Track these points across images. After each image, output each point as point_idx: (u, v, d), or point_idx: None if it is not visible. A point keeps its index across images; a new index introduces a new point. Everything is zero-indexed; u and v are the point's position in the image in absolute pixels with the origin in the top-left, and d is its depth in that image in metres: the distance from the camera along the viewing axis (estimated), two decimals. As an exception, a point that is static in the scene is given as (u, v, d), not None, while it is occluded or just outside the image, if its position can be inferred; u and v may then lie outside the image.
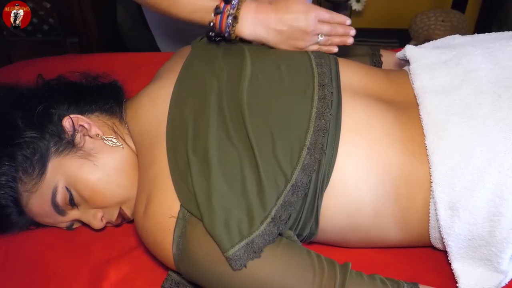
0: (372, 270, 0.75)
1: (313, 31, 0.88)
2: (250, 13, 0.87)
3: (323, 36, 0.89)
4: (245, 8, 0.87)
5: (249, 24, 0.88)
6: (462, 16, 2.07)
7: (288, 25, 0.87)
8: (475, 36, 0.93)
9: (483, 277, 0.75)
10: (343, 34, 0.91)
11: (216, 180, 0.72)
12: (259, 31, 0.88)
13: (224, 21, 0.87)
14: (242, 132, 0.76)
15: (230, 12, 0.86)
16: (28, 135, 0.81)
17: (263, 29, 0.88)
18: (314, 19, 0.87)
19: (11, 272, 0.85)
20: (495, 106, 0.76)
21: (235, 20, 0.87)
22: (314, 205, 0.76)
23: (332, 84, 0.83)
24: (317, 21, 0.88)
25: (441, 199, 0.74)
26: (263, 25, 0.87)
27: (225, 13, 0.86)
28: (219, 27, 0.88)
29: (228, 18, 0.87)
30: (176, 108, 0.82)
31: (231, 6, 0.86)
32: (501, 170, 0.71)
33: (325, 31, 0.89)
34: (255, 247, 0.69)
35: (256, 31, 0.88)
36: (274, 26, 0.87)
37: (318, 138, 0.76)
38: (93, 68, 0.99)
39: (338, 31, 0.90)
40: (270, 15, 0.87)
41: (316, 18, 0.87)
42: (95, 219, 0.85)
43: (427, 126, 0.78)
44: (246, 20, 0.87)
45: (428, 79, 0.83)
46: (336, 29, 0.90)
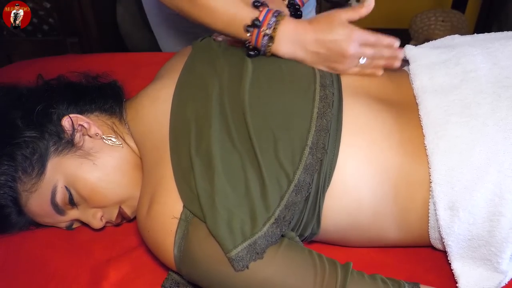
0: (373, 270, 0.75)
1: (353, 55, 0.83)
2: (288, 33, 0.83)
3: (365, 59, 0.85)
4: (283, 28, 0.83)
5: (285, 44, 0.84)
6: (462, 16, 2.07)
7: (327, 48, 0.83)
8: (475, 36, 0.93)
9: (483, 277, 0.75)
10: (390, 57, 0.86)
11: (219, 181, 0.72)
12: (296, 52, 0.84)
13: (260, 40, 0.84)
14: (244, 133, 0.76)
15: (266, 32, 0.83)
16: (27, 135, 0.81)
17: (300, 50, 0.84)
18: (357, 43, 0.82)
19: (11, 272, 0.85)
20: (494, 106, 0.76)
21: (271, 40, 0.83)
22: (316, 205, 0.76)
23: (333, 85, 0.83)
24: (360, 44, 0.83)
25: (440, 199, 0.74)
26: (301, 46, 0.84)
27: (261, 33, 0.83)
28: (255, 44, 0.84)
29: (263, 38, 0.83)
30: (178, 109, 0.82)
31: (267, 26, 0.82)
32: (501, 170, 0.71)
33: (368, 55, 0.84)
34: (257, 248, 0.69)
35: (293, 51, 0.84)
36: (312, 47, 0.83)
37: (319, 138, 0.76)
38: (93, 68, 0.99)
39: (384, 54, 0.86)
40: (309, 36, 0.83)
41: (358, 42, 0.82)
42: (95, 218, 0.85)
43: (426, 126, 0.78)
44: (283, 40, 0.83)
45: (427, 79, 0.83)
46: (381, 52, 0.85)
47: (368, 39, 0.84)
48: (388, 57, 0.86)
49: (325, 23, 0.83)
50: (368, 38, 0.84)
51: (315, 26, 0.83)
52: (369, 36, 0.84)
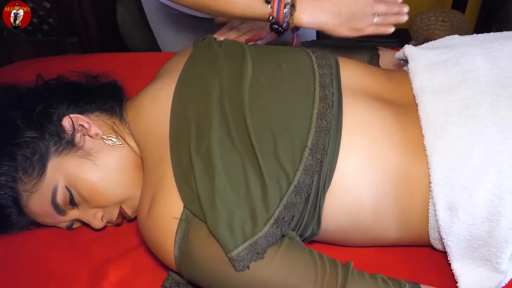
0: (373, 269, 0.75)
1: (370, 11, 0.88)
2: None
3: (379, 17, 0.89)
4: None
5: (307, 11, 0.86)
6: (462, 16, 2.07)
7: (347, 6, 0.87)
8: (474, 36, 0.93)
9: (482, 277, 0.75)
10: (398, 12, 0.91)
11: (219, 181, 0.72)
12: (319, 17, 0.87)
13: (281, 10, 0.85)
14: (244, 133, 0.77)
15: (287, 1, 0.85)
16: (27, 135, 0.81)
17: (322, 13, 0.87)
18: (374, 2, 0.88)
19: (11, 272, 0.85)
20: (493, 106, 0.76)
21: (293, 8, 0.85)
22: (316, 206, 0.76)
23: (333, 85, 0.83)
24: (374, 1, 0.89)
25: (440, 199, 0.74)
26: (322, 10, 0.87)
27: (282, 2, 0.85)
28: (276, 17, 0.86)
29: (285, 7, 0.85)
30: (178, 109, 0.82)
31: None
32: (500, 170, 0.71)
33: (383, 10, 0.89)
34: (258, 248, 0.69)
35: (316, 16, 0.87)
36: (333, 8, 0.86)
37: (319, 139, 0.76)
38: (93, 68, 0.99)
39: (393, 10, 0.91)
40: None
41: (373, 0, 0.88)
42: (95, 218, 0.85)
43: (426, 126, 0.78)
44: (305, 7, 0.86)
45: (427, 79, 0.83)
46: (391, 8, 0.90)
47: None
48: (396, 13, 0.91)
49: None
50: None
51: None
52: None
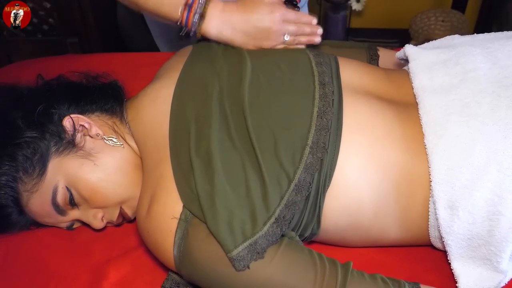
0: (373, 269, 0.75)
1: (278, 31, 0.88)
2: (217, 12, 0.88)
3: (289, 36, 0.90)
4: (212, 7, 0.87)
5: (215, 24, 0.88)
6: (462, 16, 2.07)
7: (253, 26, 0.87)
8: (475, 36, 0.93)
9: (482, 277, 0.75)
10: (310, 33, 0.92)
11: (219, 181, 0.72)
12: (224, 32, 0.88)
13: (190, 18, 0.87)
14: (244, 133, 0.77)
15: (197, 10, 0.87)
16: (28, 135, 0.81)
17: (229, 29, 0.88)
18: (280, 19, 0.87)
19: (11, 272, 0.85)
20: (494, 106, 0.76)
21: (201, 18, 0.87)
22: (316, 205, 0.76)
23: (333, 83, 0.83)
24: (283, 21, 0.88)
25: (440, 198, 0.74)
26: (229, 26, 0.88)
27: (192, 10, 0.87)
28: (185, 24, 0.88)
29: (195, 16, 0.87)
30: (177, 108, 0.82)
31: (198, 5, 0.86)
32: (500, 169, 0.72)
33: (291, 31, 0.90)
34: (258, 247, 0.69)
35: (222, 31, 0.88)
36: (240, 26, 0.88)
37: (320, 137, 0.76)
38: (93, 68, 0.99)
39: (305, 30, 0.91)
40: (236, 15, 0.87)
41: (281, 18, 0.88)
42: (96, 219, 0.85)
43: (426, 125, 0.78)
44: (213, 19, 0.88)
45: (427, 78, 0.83)
46: (302, 29, 0.91)
47: (290, 16, 0.89)
48: (309, 34, 0.92)
49: (250, 3, 0.88)
50: (289, 15, 0.89)
51: (240, 7, 0.88)
52: (290, 13, 0.89)
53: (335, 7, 2.17)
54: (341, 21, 2.21)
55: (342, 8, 2.19)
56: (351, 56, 0.99)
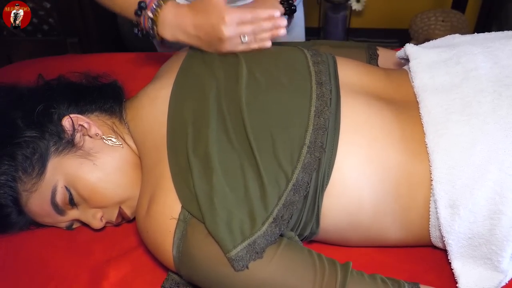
0: (373, 270, 0.75)
1: (231, 36, 0.84)
2: (169, 17, 0.87)
3: (247, 37, 0.86)
4: (164, 13, 0.87)
5: (168, 29, 0.88)
6: (462, 16, 2.07)
7: (205, 32, 0.85)
8: (475, 35, 0.93)
9: (483, 277, 0.75)
10: (272, 27, 0.87)
11: (217, 181, 0.72)
12: (178, 36, 0.88)
13: (146, 23, 0.88)
14: (242, 133, 0.76)
15: (149, 16, 0.87)
16: (28, 135, 0.81)
17: (182, 34, 0.87)
18: (232, 25, 0.83)
19: (11, 272, 0.85)
20: (495, 105, 0.76)
21: (154, 23, 0.88)
22: (315, 204, 0.76)
23: (331, 82, 0.83)
24: (237, 24, 0.84)
25: (441, 197, 0.74)
26: (182, 30, 0.87)
27: (145, 16, 0.88)
28: (143, 27, 0.89)
29: (148, 22, 0.88)
30: (175, 109, 0.82)
31: (150, 10, 0.87)
32: (501, 168, 0.71)
33: (248, 32, 0.85)
34: (257, 247, 0.69)
35: (175, 35, 0.88)
36: (191, 31, 0.86)
37: (317, 137, 0.76)
38: (93, 68, 0.99)
39: (264, 27, 0.86)
40: (187, 21, 0.86)
41: (234, 23, 0.83)
42: (95, 219, 0.85)
43: (427, 124, 0.78)
44: (165, 25, 0.87)
45: (428, 77, 0.83)
46: (261, 26, 0.86)
47: (245, 18, 0.84)
48: (271, 28, 0.87)
49: (202, 7, 0.85)
50: (244, 17, 0.84)
51: (193, 11, 0.86)
52: (244, 15, 0.84)
53: (335, 7, 2.18)
54: (341, 21, 2.21)
55: (342, 8, 2.19)
56: (350, 56, 0.99)
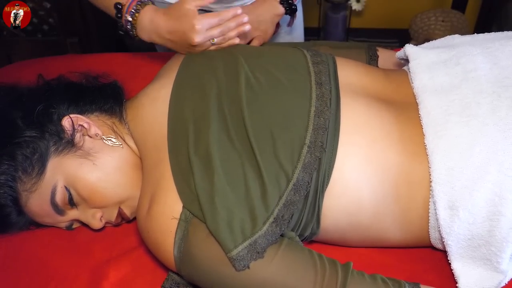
0: (373, 270, 0.75)
1: (202, 41, 0.90)
2: (145, 22, 0.93)
3: (216, 39, 0.91)
4: (141, 17, 0.93)
5: (144, 32, 0.94)
6: (462, 16, 2.07)
7: (178, 37, 0.91)
8: (475, 36, 0.93)
9: (482, 277, 0.75)
10: (236, 25, 0.92)
11: (218, 181, 0.72)
12: (154, 38, 0.94)
13: (126, 25, 0.95)
14: (243, 132, 0.77)
15: (127, 19, 0.94)
16: (27, 135, 0.81)
17: (157, 37, 0.94)
18: (202, 31, 0.88)
19: (11, 272, 0.85)
20: (494, 106, 0.76)
21: (133, 26, 0.94)
22: (316, 205, 0.76)
23: (330, 82, 0.83)
24: (206, 30, 0.89)
25: (440, 198, 0.74)
26: (157, 34, 0.93)
27: (124, 18, 0.94)
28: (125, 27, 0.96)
29: (127, 23, 0.94)
30: (175, 109, 0.82)
31: (129, 14, 0.93)
32: (501, 170, 0.71)
33: (216, 34, 0.90)
34: (258, 247, 0.69)
35: (152, 38, 0.94)
36: (166, 36, 0.92)
37: (318, 136, 0.76)
38: (93, 68, 0.99)
39: (230, 26, 0.91)
40: (162, 26, 0.91)
41: (204, 29, 0.89)
42: (94, 219, 0.85)
43: (426, 125, 0.78)
44: (142, 28, 0.94)
45: (427, 78, 0.83)
46: (227, 26, 0.91)
47: (213, 22, 0.90)
48: (236, 26, 0.92)
49: (175, 13, 0.91)
50: (212, 22, 0.90)
51: (167, 16, 0.91)
52: (212, 20, 0.90)
53: (335, 7, 2.18)
54: (341, 21, 2.21)
55: (342, 8, 2.19)
56: (350, 56, 0.99)
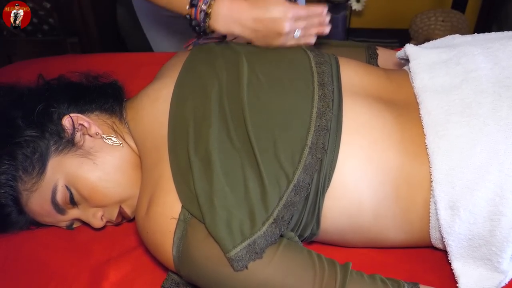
0: (372, 270, 0.75)
1: (290, 31, 0.87)
2: (223, 10, 0.87)
3: (299, 32, 0.89)
4: (218, 5, 0.87)
5: (221, 21, 0.88)
6: (462, 16, 2.07)
7: (264, 26, 0.86)
8: (475, 35, 0.93)
9: (483, 277, 0.75)
10: (319, 24, 0.91)
11: (218, 182, 0.72)
12: (232, 28, 0.88)
13: (198, 15, 0.88)
14: (243, 133, 0.76)
15: (202, 8, 0.87)
16: (28, 134, 0.81)
17: (237, 26, 0.88)
18: (291, 20, 0.86)
19: (11, 272, 0.85)
20: (495, 106, 0.76)
21: (207, 16, 0.87)
22: (316, 206, 0.76)
23: (333, 83, 0.83)
24: (295, 20, 0.87)
25: (441, 198, 0.74)
26: (237, 23, 0.87)
27: (198, 8, 0.87)
28: (195, 18, 0.89)
29: (201, 13, 0.87)
30: (176, 109, 0.82)
31: (203, 2, 0.87)
32: (501, 170, 0.71)
33: (301, 27, 0.89)
34: (257, 248, 0.69)
35: (229, 28, 0.88)
36: (249, 24, 0.87)
37: (319, 138, 0.76)
38: (93, 68, 0.99)
39: (314, 22, 0.90)
40: (245, 13, 0.86)
41: (293, 18, 0.86)
42: (95, 218, 0.85)
43: (427, 125, 0.78)
44: (218, 17, 0.87)
45: (428, 78, 0.83)
46: (312, 21, 0.90)
47: (301, 13, 0.88)
48: (318, 25, 0.91)
49: (262, 1, 0.86)
50: (301, 12, 0.88)
51: (251, 4, 0.87)
52: (301, 11, 0.88)
53: (335, 7, 2.17)
54: (341, 21, 2.21)
55: (342, 8, 2.19)
56: (350, 55, 0.99)
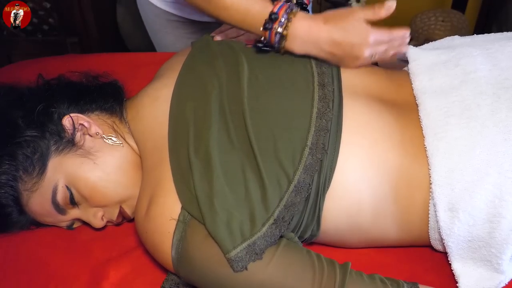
0: (372, 270, 0.75)
1: (369, 56, 0.83)
2: (301, 32, 0.82)
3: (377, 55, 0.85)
4: (295, 27, 0.81)
5: (298, 43, 0.83)
6: (462, 16, 2.07)
7: (342, 49, 0.82)
8: (475, 37, 0.93)
9: (483, 277, 0.75)
10: (399, 45, 0.86)
11: (218, 182, 0.72)
12: (309, 50, 0.84)
13: (273, 37, 0.83)
14: (243, 133, 0.76)
15: (278, 31, 0.82)
16: (28, 134, 0.81)
17: (314, 48, 0.83)
18: (372, 46, 0.81)
19: (11, 272, 0.85)
20: (494, 107, 0.76)
21: (283, 38, 0.82)
22: (316, 207, 0.76)
23: (333, 83, 0.83)
24: (375, 45, 0.82)
25: (440, 200, 0.74)
26: (315, 46, 0.82)
27: (273, 30, 0.82)
28: (268, 40, 0.84)
29: (276, 36, 0.82)
30: (176, 109, 0.82)
31: (278, 24, 0.81)
32: (501, 171, 0.72)
33: (381, 51, 0.84)
34: (256, 248, 0.69)
35: (306, 50, 0.84)
36: (327, 48, 0.82)
37: (319, 138, 0.76)
38: (93, 68, 0.99)
39: (395, 45, 0.85)
40: (323, 35, 0.81)
41: (374, 43, 0.81)
42: (96, 218, 0.85)
43: (426, 127, 0.78)
44: (295, 39, 0.82)
45: (427, 79, 0.83)
46: (393, 44, 0.85)
47: (383, 38, 0.83)
48: (398, 46, 0.86)
49: (342, 22, 0.81)
50: (382, 37, 0.82)
51: (330, 25, 0.81)
52: (383, 37, 0.82)
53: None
54: (341, 21, 2.21)
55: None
56: None
